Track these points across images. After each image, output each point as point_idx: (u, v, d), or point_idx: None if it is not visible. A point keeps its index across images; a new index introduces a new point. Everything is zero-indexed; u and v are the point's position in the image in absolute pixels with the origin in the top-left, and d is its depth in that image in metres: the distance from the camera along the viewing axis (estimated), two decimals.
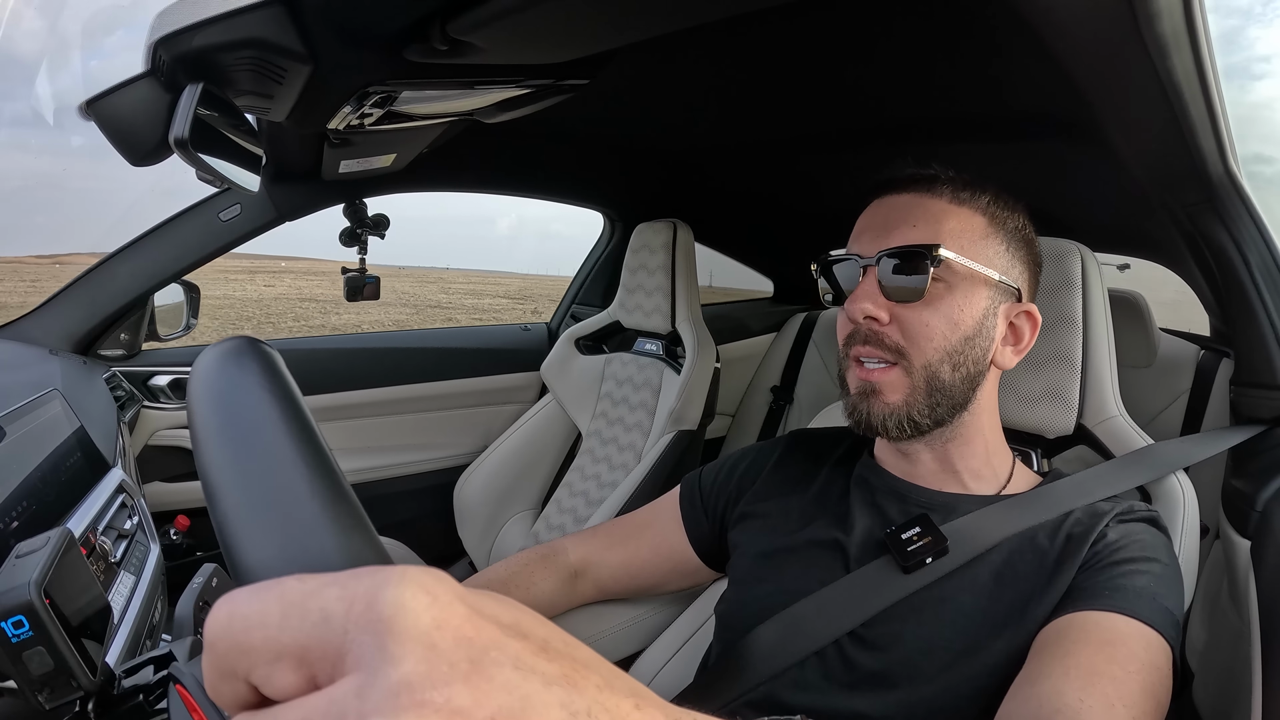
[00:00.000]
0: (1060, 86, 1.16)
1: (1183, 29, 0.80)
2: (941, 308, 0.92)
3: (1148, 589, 0.82)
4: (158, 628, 1.22)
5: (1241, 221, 1.14)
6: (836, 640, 0.93)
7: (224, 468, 0.44)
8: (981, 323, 0.93)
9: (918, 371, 0.92)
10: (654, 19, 1.05)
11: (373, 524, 0.43)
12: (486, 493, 2.34)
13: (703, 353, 2.12)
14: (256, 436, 0.46)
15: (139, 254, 1.88)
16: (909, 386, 0.93)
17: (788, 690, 0.94)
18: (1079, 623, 0.80)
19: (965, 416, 0.97)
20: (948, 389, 0.93)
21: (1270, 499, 1.08)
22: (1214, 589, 1.29)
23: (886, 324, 0.93)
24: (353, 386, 2.36)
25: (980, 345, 0.94)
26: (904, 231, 0.93)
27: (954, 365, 0.92)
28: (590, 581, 1.25)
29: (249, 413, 0.47)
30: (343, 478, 0.46)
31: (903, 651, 0.89)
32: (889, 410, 0.94)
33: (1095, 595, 0.82)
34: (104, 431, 1.44)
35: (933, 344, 0.92)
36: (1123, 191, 1.60)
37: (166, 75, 0.98)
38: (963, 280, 0.92)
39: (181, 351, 2.15)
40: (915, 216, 0.94)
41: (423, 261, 25.71)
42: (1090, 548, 0.87)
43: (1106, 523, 0.89)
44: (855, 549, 0.99)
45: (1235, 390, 1.24)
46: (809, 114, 1.79)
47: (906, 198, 0.97)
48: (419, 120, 1.42)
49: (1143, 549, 0.86)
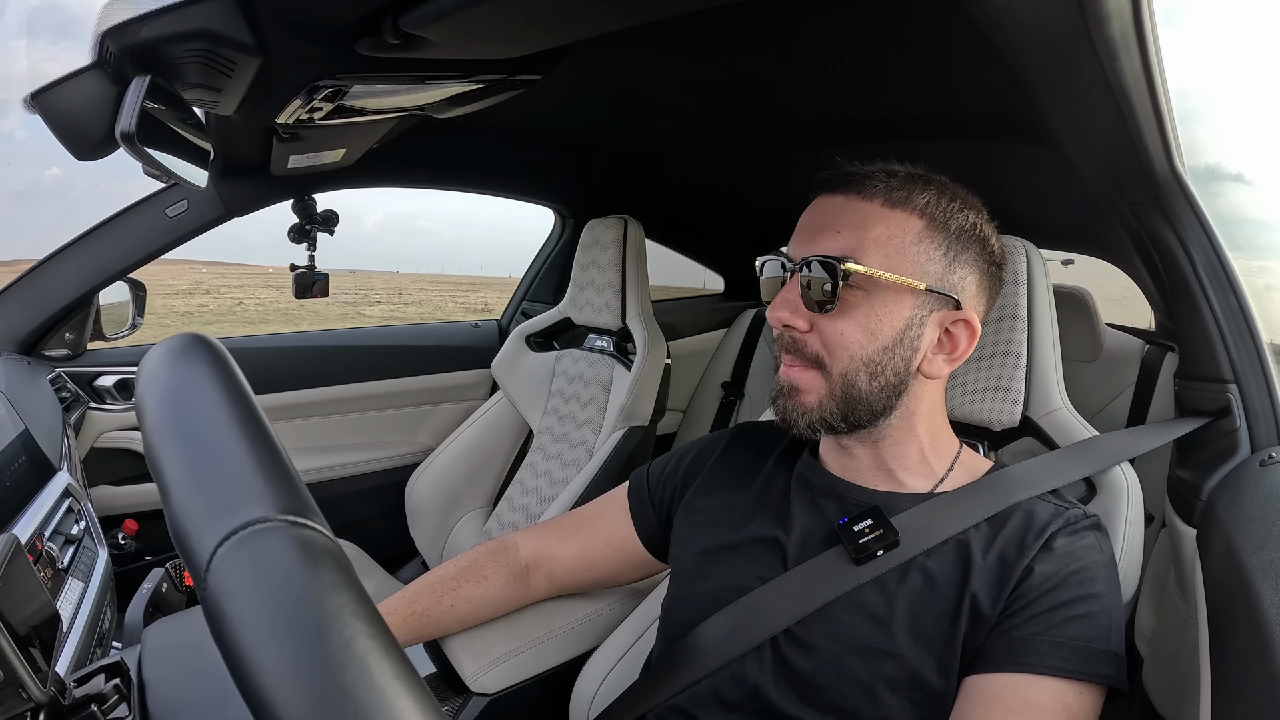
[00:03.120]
0: (1009, 86, 1.18)
1: (1131, 31, 0.82)
2: (858, 317, 0.90)
3: (1084, 638, 0.82)
4: (108, 635, 1.19)
5: (1186, 220, 1.16)
6: (774, 637, 0.93)
7: (177, 466, 0.44)
8: (903, 333, 0.91)
9: (835, 379, 0.92)
10: (606, 15, 1.05)
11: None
12: (438, 491, 2.33)
13: (653, 349, 2.12)
14: (209, 432, 0.45)
15: (83, 251, 1.84)
16: (824, 391, 0.93)
17: (728, 685, 0.95)
18: (1004, 698, 0.81)
19: (893, 420, 0.96)
20: (864, 398, 0.92)
21: (1214, 489, 1.10)
22: (1161, 576, 1.31)
23: (806, 332, 0.93)
24: (302, 385, 2.33)
25: (901, 355, 0.92)
26: (827, 238, 0.92)
27: (870, 375, 0.91)
28: (543, 575, 1.24)
29: (201, 410, 0.46)
30: (295, 473, 0.45)
31: (831, 650, 0.90)
32: (801, 410, 0.94)
33: (1027, 651, 0.82)
34: (49, 434, 1.41)
35: (848, 353, 0.91)
36: (1070, 190, 1.63)
37: (113, 67, 0.96)
38: (883, 290, 0.90)
39: (127, 351, 2.11)
40: (841, 221, 0.92)
41: (283, 260, 25.75)
42: (1020, 584, 0.86)
43: (1043, 543, 0.88)
44: (794, 548, 0.99)
45: (1180, 383, 1.27)
46: (761, 111, 1.80)
47: (839, 200, 0.94)
48: (369, 115, 1.41)
49: (1081, 584, 0.85)
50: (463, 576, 1.19)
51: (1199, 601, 0.93)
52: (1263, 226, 1.67)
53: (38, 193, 60.91)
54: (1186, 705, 0.91)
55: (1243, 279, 1.16)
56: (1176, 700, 1.06)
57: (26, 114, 0.96)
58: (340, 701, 0.34)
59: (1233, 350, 1.15)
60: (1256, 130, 2.97)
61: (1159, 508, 1.30)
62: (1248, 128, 2.79)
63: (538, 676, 1.25)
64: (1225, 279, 1.16)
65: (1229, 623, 0.81)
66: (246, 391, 0.49)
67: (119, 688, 0.56)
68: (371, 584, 1.96)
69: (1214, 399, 1.17)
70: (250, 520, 0.40)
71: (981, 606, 0.86)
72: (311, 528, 0.41)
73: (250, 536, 0.39)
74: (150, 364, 0.50)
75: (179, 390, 0.48)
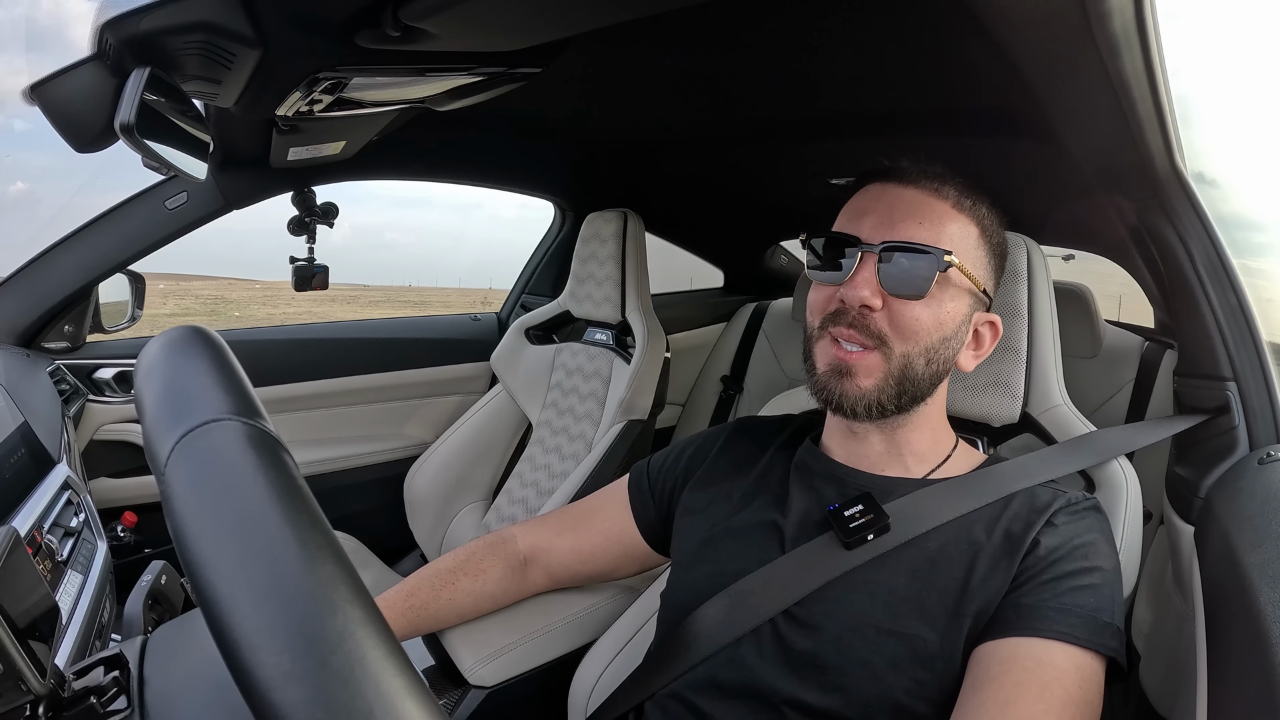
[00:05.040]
0: (1011, 82, 1.18)
1: (1133, 28, 0.81)
2: (933, 306, 0.93)
3: (1089, 607, 0.83)
4: (107, 627, 1.19)
5: (1186, 217, 1.16)
6: (773, 619, 0.94)
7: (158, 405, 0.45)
8: (960, 327, 0.96)
9: (896, 360, 0.93)
10: (606, 8, 1.05)
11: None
12: (437, 484, 2.32)
13: (653, 342, 2.12)
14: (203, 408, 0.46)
15: (83, 243, 1.83)
16: (884, 373, 0.94)
17: (724, 669, 0.95)
18: (1019, 657, 0.81)
19: (921, 407, 0.99)
20: (917, 382, 0.95)
21: (1213, 486, 1.10)
22: (1158, 573, 1.32)
23: (878, 310, 0.94)
24: (301, 378, 2.33)
25: (953, 346, 0.96)
26: (909, 227, 0.93)
27: (928, 361, 0.94)
28: (540, 569, 1.25)
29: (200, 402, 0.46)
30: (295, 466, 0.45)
31: (834, 629, 0.90)
32: (860, 393, 0.95)
33: (1036, 617, 0.83)
34: (48, 426, 1.41)
35: (917, 339, 0.93)
36: (1071, 186, 1.63)
37: (113, 59, 0.96)
38: (955, 285, 0.94)
39: (127, 343, 2.10)
40: (922, 214, 0.94)
41: (247, 274, 25.17)
42: (1027, 555, 0.88)
43: (1046, 519, 0.90)
44: (792, 530, 1.00)
45: (1179, 381, 1.27)
46: (762, 105, 1.80)
47: (912, 192, 0.97)
48: (369, 107, 1.40)
49: (1085, 556, 0.87)
50: (461, 570, 1.19)
51: (1196, 598, 0.93)
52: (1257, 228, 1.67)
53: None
54: (1182, 701, 0.92)
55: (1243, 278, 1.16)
56: (1172, 696, 1.06)
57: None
58: (280, 577, 0.38)
59: (1232, 348, 1.15)
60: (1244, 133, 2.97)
61: (1157, 505, 1.30)
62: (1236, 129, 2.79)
63: (536, 669, 1.25)
64: (1225, 277, 1.16)
65: (1226, 620, 0.81)
66: (246, 387, 0.49)
67: (118, 680, 0.56)
68: (370, 576, 1.96)
69: (1213, 396, 1.17)
70: (204, 420, 0.45)
71: (989, 583, 0.87)
72: (255, 425, 0.46)
73: (201, 434, 0.44)
74: (149, 356, 0.50)
75: (177, 384, 0.48)
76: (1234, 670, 0.73)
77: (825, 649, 0.90)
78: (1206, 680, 0.79)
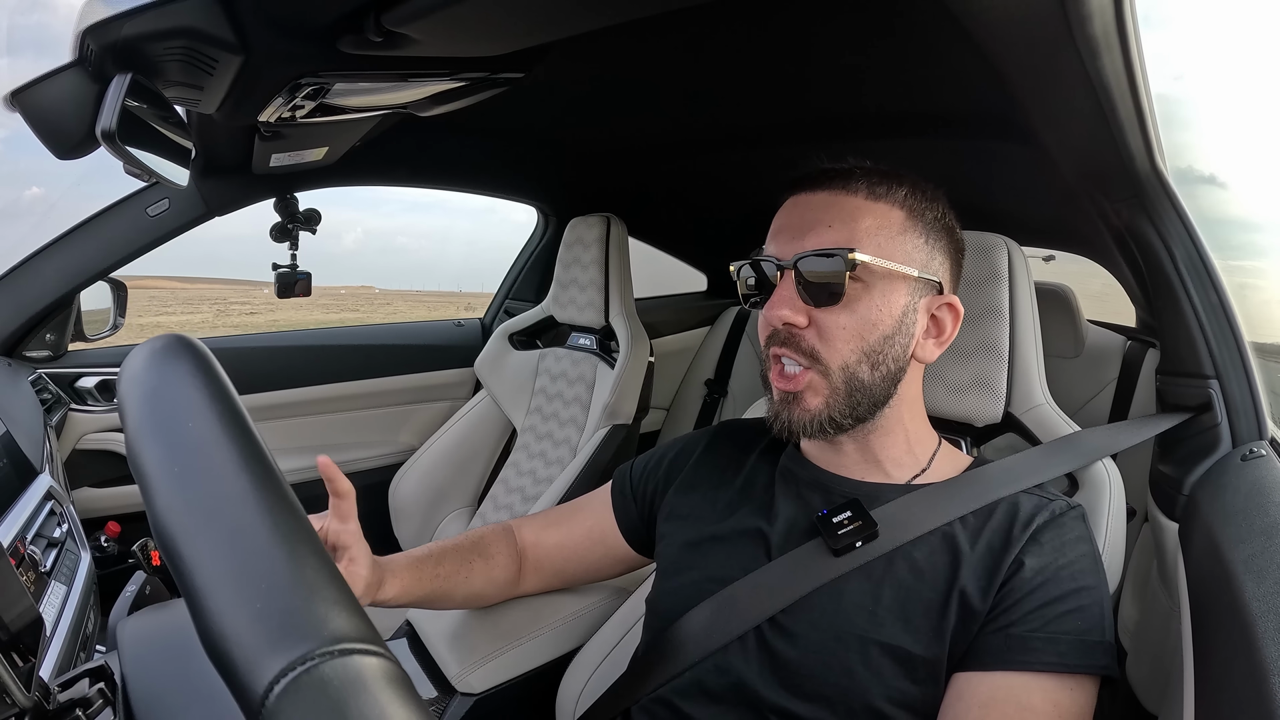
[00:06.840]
0: (991, 84, 1.19)
1: (1113, 30, 0.82)
2: (859, 309, 0.91)
3: (1078, 631, 0.83)
4: (91, 638, 1.18)
5: (1168, 217, 1.17)
6: (758, 626, 0.94)
7: (161, 468, 0.43)
8: (901, 320, 0.93)
9: (835, 374, 0.92)
10: (588, 13, 1.05)
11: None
12: (422, 490, 2.32)
13: (636, 347, 2.12)
14: (193, 434, 0.45)
15: (64, 251, 1.82)
16: (828, 389, 0.93)
17: (711, 675, 0.95)
18: (997, 701, 0.81)
19: (886, 411, 0.98)
20: (868, 388, 0.93)
21: (1196, 483, 1.11)
22: (1143, 570, 1.32)
23: (804, 327, 0.93)
24: (285, 385, 2.33)
25: (900, 342, 0.94)
26: (819, 233, 0.92)
27: (873, 364, 0.93)
28: (530, 563, 1.24)
29: (184, 411, 0.46)
30: (281, 475, 0.45)
31: (818, 638, 0.90)
32: (809, 416, 0.94)
33: (1025, 649, 0.82)
34: (30, 436, 1.40)
35: (849, 346, 0.92)
36: (1052, 187, 1.64)
37: (94, 65, 0.96)
38: (880, 279, 0.91)
39: (109, 352, 2.09)
40: (830, 216, 0.93)
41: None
42: (1012, 576, 0.86)
43: (1030, 535, 0.89)
44: (778, 538, 1.00)
45: (1161, 379, 1.28)
46: (743, 109, 1.80)
47: (822, 196, 0.95)
48: (352, 113, 1.40)
49: (1072, 578, 0.86)
50: (475, 551, 1.18)
51: (1182, 595, 0.94)
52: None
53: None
54: (1170, 697, 0.92)
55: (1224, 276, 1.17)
56: (1160, 692, 1.07)
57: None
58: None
59: (1214, 346, 1.16)
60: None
61: (1141, 502, 1.31)
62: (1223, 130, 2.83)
63: (523, 675, 1.24)
64: (1206, 275, 1.17)
65: (1212, 616, 0.81)
66: (231, 395, 0.48)
67: (103, 692, 0.56)
68: None
69: (1195, 394, 1.18)
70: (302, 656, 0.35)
71: (970, 598, 0.86)
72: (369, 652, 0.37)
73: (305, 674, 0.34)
74: (132, 366, 0.50)
75: (161, 393, 0.47)
76: (1220, 664, 0.74)
77: (809, 657, 0.89)
78: (1193, 675, 0.79)
